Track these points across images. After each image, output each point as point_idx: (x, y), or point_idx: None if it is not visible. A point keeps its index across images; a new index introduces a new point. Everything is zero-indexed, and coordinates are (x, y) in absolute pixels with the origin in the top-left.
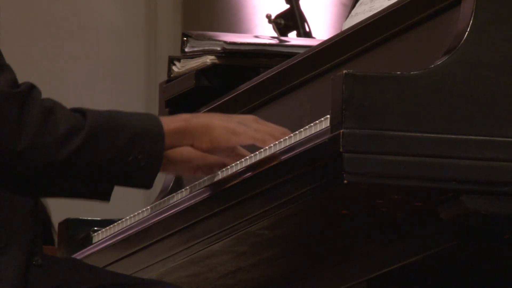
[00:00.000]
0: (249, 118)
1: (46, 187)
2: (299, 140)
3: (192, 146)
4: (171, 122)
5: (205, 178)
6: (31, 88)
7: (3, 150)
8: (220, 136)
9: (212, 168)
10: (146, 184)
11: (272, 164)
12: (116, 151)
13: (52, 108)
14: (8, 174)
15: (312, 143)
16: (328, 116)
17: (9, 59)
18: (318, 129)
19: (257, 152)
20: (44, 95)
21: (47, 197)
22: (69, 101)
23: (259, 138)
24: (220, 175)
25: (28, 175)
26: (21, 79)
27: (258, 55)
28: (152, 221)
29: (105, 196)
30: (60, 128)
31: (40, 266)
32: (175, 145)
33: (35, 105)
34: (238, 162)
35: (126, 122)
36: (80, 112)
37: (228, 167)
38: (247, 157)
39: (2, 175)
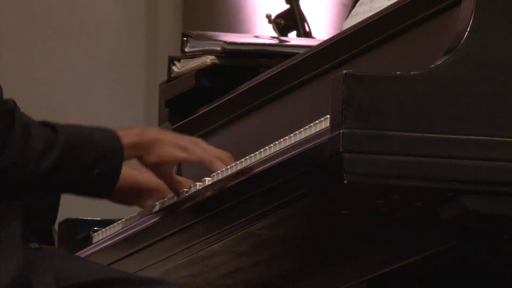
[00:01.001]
0: (198, 140)
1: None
2: (299, 140)
3: (140, 159)
4: (126, 136)
5: (205, 178)
6: (15, 105)
7: None
8: (169, 151)
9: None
10: (106, 194)
11: (272, 164)
12: (85, 166)
13: (29, 124)
14: None
15: (312, 143)
16: (328, 116)
17: (9, 59)
18: (318, 129)
19: (257, 152)
20: (44, 95)
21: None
22: (70, 101)
23: (206, 158)
24: (220, 175)
25: (8, 189)
26: (21, 79)
27: (258, 55)
28: (152, 221)
29: (52, 218)
30: (38, 145)
31: (37, 249)
32: (129, 158)
33: (18, 123)
34: (238, 162)
35: (92, 137)
36: (50, 126)
37: (228, 167)
38: (247, 157)
39: None
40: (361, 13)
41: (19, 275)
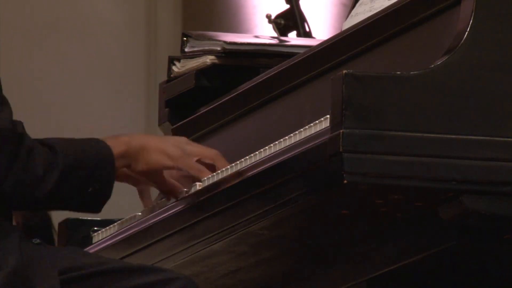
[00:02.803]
0: (182, 140)
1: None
2: (299, 140)
3: (129, 167)
4: (116, 147)
5: (205, 178)
6: (23, 128)
7: None
8: (155, 158)
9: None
10: (97, 209)
11: (272, 164)
12: (81, 184)
13: (32, 147)
14: None
15: (312, 143)
16: (328, 116)
17: (9, 60)
18: (318, 129)
19: (257, 152)
20: (44, 96)
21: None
22: (70, 101)
23: (193, 167)
24: (221, 175)
25: (9, 209)
26: (21, 80)
27: (258, 55)
28: (152, 221)
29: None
30: (39, 168)
31: (40, 244)
32: (120, 168)
33: (24, 146)
34: (238, 162)
35: (87, 154)
36: (49, 146)
37: (228, 166)
38: (247, 157)
39: None
40: (361, 13)
41: (18, 269)
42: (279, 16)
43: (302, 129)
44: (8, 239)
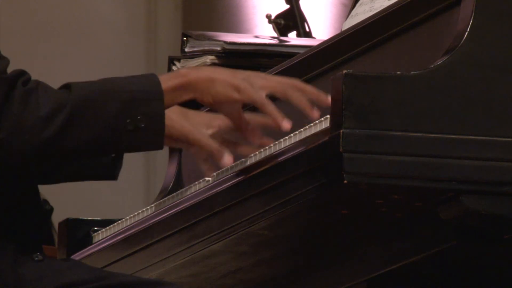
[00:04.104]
0: (255, 75)
1: (48, 174)
2: (299, 140)
3: (195, 99)
4: (169, 79)
5: (205, 178)
6: (19, 74)
7: None
8: (221, 91)
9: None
10: (155, 145)
11: (272, 164)
12: (109, 119)
13: (33, 89)
14: None
15: (312, 143)
16: (328, 116)
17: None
18: (318, 129)
19: (257, 152)
20: None
21: (52, 183)
22: None
23: (258, 100)
24: (220, 174)
25: (14, 163)
26: None
27: (258, 55)
28: (152, 221)
29: (111, 174)
30: (42, 108)
31: (41, 261)
32: (177, 101)
33: (18, 90)
34: (238, 162)
35: (117, 86)
36: (66, 87)
37: (228, 166)
38: (247, 157)
39: None
40: (361, 13)
41: None
42: (279, 16)
43: (302, 129)
44: (2, 264)
